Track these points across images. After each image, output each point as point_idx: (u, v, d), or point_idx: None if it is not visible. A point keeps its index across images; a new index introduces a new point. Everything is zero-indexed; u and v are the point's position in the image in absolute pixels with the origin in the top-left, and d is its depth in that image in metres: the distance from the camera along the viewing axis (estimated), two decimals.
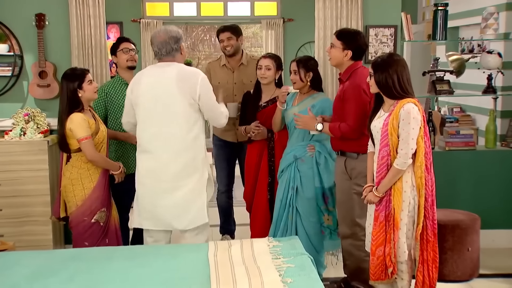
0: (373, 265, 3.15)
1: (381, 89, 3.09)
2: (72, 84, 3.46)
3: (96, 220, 3.53)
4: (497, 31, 4.56)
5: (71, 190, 3.51)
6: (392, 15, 4.44)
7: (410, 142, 2.99)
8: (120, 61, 4.03)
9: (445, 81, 4.67)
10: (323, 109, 3.74)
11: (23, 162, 4.09)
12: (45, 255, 3.12)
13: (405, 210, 3.06)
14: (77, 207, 3.50)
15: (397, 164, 3.01)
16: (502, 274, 4.08)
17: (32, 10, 4.30)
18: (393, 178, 3.04)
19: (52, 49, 4.37)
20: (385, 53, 3.18)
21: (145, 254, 3.09)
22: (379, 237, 3.11)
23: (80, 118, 3.44)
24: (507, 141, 4.70)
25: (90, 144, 3.45)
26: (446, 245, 3.90)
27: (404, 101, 3.02)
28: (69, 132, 3.45)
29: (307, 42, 8.52)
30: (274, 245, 3.09)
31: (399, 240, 3.06)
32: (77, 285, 2.66)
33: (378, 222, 3.12)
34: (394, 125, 3.01)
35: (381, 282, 3.16)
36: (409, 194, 3.06)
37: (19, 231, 4.11)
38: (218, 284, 2.59)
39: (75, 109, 3.46)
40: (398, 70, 3.04)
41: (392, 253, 3.07)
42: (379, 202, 3.13)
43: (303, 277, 2.67)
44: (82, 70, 3.57)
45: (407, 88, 3.05)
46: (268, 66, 3.99)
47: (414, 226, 3.09)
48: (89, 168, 3.52)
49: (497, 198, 4.58)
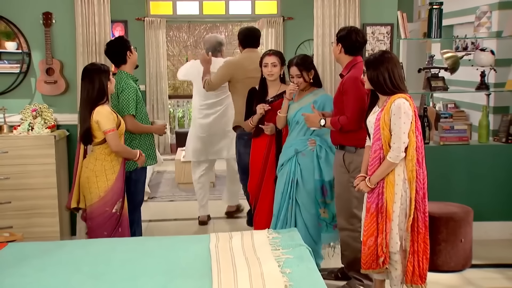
0: (365, 254, 3.21)
1: (374, 86, 3.16)
2: (105, 77, 3.50)
3: (116, 210, 3.58)
4: (490, 29, 4.60)
5: (94, 181, 3.52)
6: (388, 13, 4.49)
7: (402, 136, 3.04)
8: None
9: (440, 78, 4.70)
10: (324, 104, 3.81)
11: (31, 156, 4.15)
12: (52, 246, 3.17)
13: (398, 202, 3.10)
14: (99, 198, 3.53)
15: (390, 157, 3.07)
16: (493, 264, 4.13)
17: (39, 9, 4.37)
18: (386, 170, 3.10)
19: (58, 46, 4.44)
20: (378, 51, 3.25)
21: (148, 245, 3.14)
22: (370, 228, 3.17)
23: (107, 111, 3.48)
24: (499, 136, 4.74)
25: (116, 135, 3.49)
26: (440, 237, 3.95)
27: (395, 97, 3.08)
28: (95, 124, 3.47)
29: (306, 40, 8.58)
30: (273, 237, 3.14)
31: (391, 231, 3.11)
32: (83, 275, 2.70)
33: (370, 213, 3.17)
34: (385, 119, 3.07)
35: (372, 271, 3.21)
36: (401, 187, 3.10)
37: (27, 223, 4.16)
38: (219, 274, 2.63)
39: (100, 101, 3.49)
40: (389, 67, 3.10)
41: (384, 243, 3.11)
42: (371, 193, 3.18)
43: (302, 267, 2.70)
44: (104, 64, 3.63)
45: (398, 84, 3.11)
46: (274, 63, 4.03)
47: (406, 217, 3.14)
48: (112, 160, 3.55)
49: (489, 191, 4.63)
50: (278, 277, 2.57)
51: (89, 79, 3.50)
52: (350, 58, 3.62)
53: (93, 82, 3.48)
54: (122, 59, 3.95)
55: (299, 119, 3.83)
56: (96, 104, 3.48)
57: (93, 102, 3.48)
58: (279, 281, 2.53)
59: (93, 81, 3.48)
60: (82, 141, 3.59)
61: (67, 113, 4.48)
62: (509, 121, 4.67)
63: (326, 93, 3.97)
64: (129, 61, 3.96)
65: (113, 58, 4.00)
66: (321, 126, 3.62)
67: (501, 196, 4.65)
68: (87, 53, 4.37)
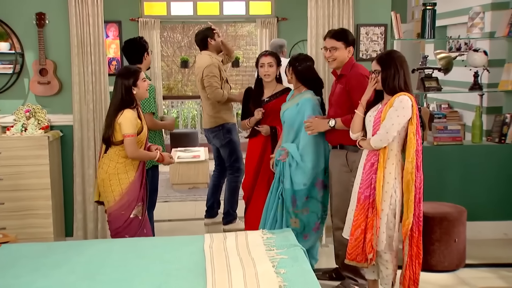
0: (351, 245, 3.21)
1: (386, 85, 3.12)
2: (127, 81, 3.48)
3: (135, 215, 3.55)
4: (483, 30, 4.62)
5: (108, 184, 3.51)
6: (382, 14, 4.49)
7: (390, 128, 3.04)
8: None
9: (434, 78, 4.72)
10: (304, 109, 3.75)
11: (24, 157, 4.14)
12: (46, 247, 3.16)
13: (387, 201, 3.11)
14: (115, 202, 3.51)
15: (372, 141, 3.10)
16: (487, 264, 4.14)
17: (32, 9, 4.35)
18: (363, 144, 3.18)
19: (52, 47, 4.42)
20: (386, 50, 3.21)
21: (142, 246, 3.13)
22: (359, 219, 3.16)
23: (131, 115, 3.46)
24: (492, 136, 4.75)
25: (134, 142, 3.47)
26: (434, 237, 3.96)
27: (401, 93, 3.08)
28: (117, 125, 3.46)
29: (300, 40, 8.60)
30: (268, 237, 3.14)
31: (378, 229, 3.12)
32: (77, 276, 2.69)
33: (360, 203, 3.17)
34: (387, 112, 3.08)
35: (356, 263, 3.22)
36: (391, 186, 3.11)
37: (21, 224, 4.15)
38: (213, 274, 2.63)
39: (129, 105, 3.49)
40: (404, 66, 3.11)
41: (374, 240, 3.12)
42: (363, 184, 3.17)
43: (296, 267, 2.70)
44: (135, 68, 3.61)
45: (410, 84, 3.12)
46: (270, 63, 4.07)
47: (395, 218, 3.14)
48: (126, 163, 3.52)
49: (483, 191, 4.64)
50: (273, 277, 2.57)
51: (115, 84, 3.52)
52: (350, 57, 3.64)
53: (116, 87, 3.50)
54: (139, 59, 4.07)
55: (285, 118, 3.85)
56: (124, 107, 3.47)
57: (117, 107, 3.48)
58: (273, 281, 2.53)
59: (116, 86, 3.50)
60: (103, 140, 3.58)
61: (60, 114, 4.47)
62: (502, 121, 4.69)
63: (309, 97, 3.82)
64: (144, 62, 4.11)
65: (130, 57, 4.09)
66: (331, 127, 3.57)
67: (494, 195, 4.67)
68: (82, 54, 4.35)
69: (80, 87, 4.37)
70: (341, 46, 3.57)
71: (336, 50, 3.57)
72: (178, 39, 12.46)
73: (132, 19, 8.55)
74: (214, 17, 9.04)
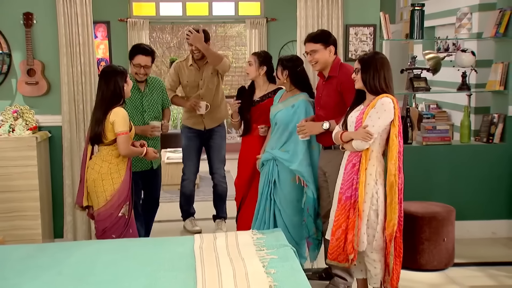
0: (332, 245, 3.22)
1: (366, 85, 3.16)
2: (121, 79, 3.49)
3: (123, 213, 3.55)
4: (470, 30, 4.65)
5: (100, 185, 3.50)
6: (371, 14, 4.50)
7: (371, 129, 3.06)
8: (131, 72, 4.09)
9: (422, 78, 4.74)
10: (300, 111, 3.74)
11: (12, 158, 4.10)
12: (34, 249, 3.13)
13: (368, 202, 3.12)
14: (106, 202, 3.50)
15: (354, 143, 3.12)
16: (476, 262, 4.17)
17: (20, 9, 4.31)
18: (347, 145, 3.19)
19: (40, 47, 4.39)
20: (371, 51, 3.23)
21: (131, 247, 3.10)
22: (340, 219, 3.17)
23: (124, 113, 3.48)
24: (480, 136, 4.78)
25: (127, 139, 3.48)
26: (423, 236, 3.98)
27: (383, 95, 3.11)
28: (110, 124, 3.45)
29: (290, 41, 8.62)
30: (258, 237, 3.14)
31: (359, 230, 3.13)
32: (65, 278, 2.67)
33: (341, 204, 3.18)
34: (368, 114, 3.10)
35: (337, 263, 3.23)
36: (372, 187, 3.13)
37: (8, 226, 4.11)
38: (204, 275, 2.62)
39: (118, 103, 3.50)
40: (384, 68, 3.14)
41: (355, 241, 3.12)
42: (344, 185, 3.18)
43: (286, 267, 2.70)
44: (122, 66, 3.62)
45: (390, 85, 3.15)
46: (249, 62, 4.12)
47: (378, 218, 3.15)
48: (118, 162, 3.53)
49: (471, 190, 4.67)
50: (263, 277, 2.57)
51: (105, 81, 3.50)
52: (334, 57, 3.62)
53: (108, 83, 3.48)
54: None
55: (277, 120, 3.84)
56: (112, 106, 3.47)
57: (107, 104, 3.47)
58: (263, 281, 2.53)
59: (109, 82, 3.48)
60: (92, 141, 3.55)
61: (49, 115, 4.44)
62: (490, 121, 4.72)
63: (304, 98, 3.81)
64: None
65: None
66: (325, 130, 3.55)
67: (482, 195, 4.70)
68: (71, 54, 4.32)
69: (69, 87, 4.34)
70: (320, 48, 3.57)
71: (316, 52, 3.57)
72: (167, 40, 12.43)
73: (120, 19, 8.50)
74: (203, 18, 9.05)
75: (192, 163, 4.94)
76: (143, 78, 4.11)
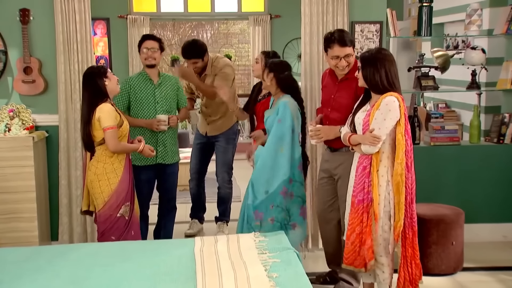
0: (347, 249, 3.20)
1: (368, 84, 3.11)
2: (99, 77, 3.49)
3: (121, 214, 3.53)
4: (480, 27, 4.60)
5: (97, 186, 3.49)
6: (377, 11, 4.44)
7: (377, 131, 3.02)
8: (141, 59, 4.16)
9: (430, 77, 4.68)
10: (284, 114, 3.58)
11: (8, 159, 4.06)
12: (30, 252, 3.11)
13: (381, 204, 3.09)
14: (104, 203, 3.49)
15: (363, 147, 3.08)
16: (485, 267, 4.11)
17: (16, 6, 4.26)
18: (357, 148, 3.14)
19: (37, 44, 4.33)
20: (373, 48, 3.16)
21: (130, 249, 3.10)
22: (354, 223, 3.14)
23: (110, 108, 3.47)
24: (490, 136, 4.73)
25: (115, 134, 3.45)
26: (431, 239, 3.93)
27: (387, 94, 3.05)
28: (97, 122, 3.44)
29: (294, 38, 8.56)
30: (260, 240, 3.11)
31: (376, 234, 3.10)
32: (62, 281, 2.65)
33: (354, 207, 3.15)
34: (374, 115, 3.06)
35: (354, 268, 3.20)
36: (384, 188, 3.08)
37: (4, 228, 4.08)
38: (204, 278, 2.60)
39: (101, 100, 3.48)
40: (387, 65, 3.05)
41: (375, 246, 3.10)
42: (356, 188, 3.14)
43: (289, 271, 2.68)
44: (101, 66, 3.64)
45: (394, 83, 3.07)
46: (256, 60, 4.17)
47: (390, 220, 3.11)
48: (113, 162, 3.51)
49: (481, 192, 4.62)
50: (265, 281, 2.55)
51: (84, 83, 3.55)
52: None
53: (87, 85, 3.52)
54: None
55: (268, 126, 3.71)
56: (97, 104, 3.47)
57: (91, 104, 3.48)
58: (265, 285, 2.52)
59: (87, 84, 3.51)
60: (85, 148, 3.58)
61: (46, 114, 4.38)
62: (500, 121, 4.66)
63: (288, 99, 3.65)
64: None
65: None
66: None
67: (492, 197, 4.64)
68: (68, 52, 4.27)
69: (67, 86, 4.29)
70: (352, 51, 3.44)
71: (351, 56, 3.43)
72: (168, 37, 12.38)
73: (120, 16, 8.45)
74: (205, 14, 9.01)
75: (195, 161, 4.94)
76: (152, 62, 4.08)
